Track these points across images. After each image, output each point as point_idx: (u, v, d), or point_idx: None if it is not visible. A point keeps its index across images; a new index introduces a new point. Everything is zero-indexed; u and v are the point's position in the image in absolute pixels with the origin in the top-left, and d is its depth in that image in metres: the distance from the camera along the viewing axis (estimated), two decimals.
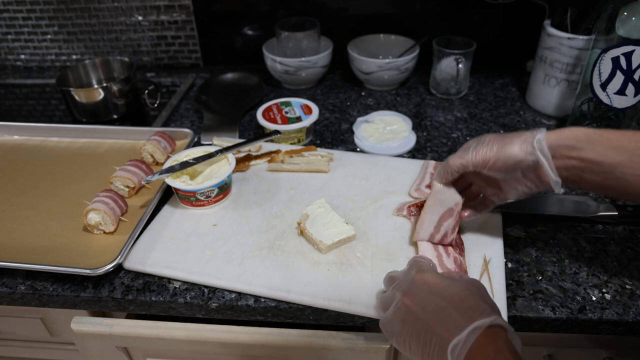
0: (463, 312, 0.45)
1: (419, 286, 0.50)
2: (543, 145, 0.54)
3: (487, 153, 0.57)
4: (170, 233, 0.72)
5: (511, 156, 0.56)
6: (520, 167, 0.56)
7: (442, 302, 0.47)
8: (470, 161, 0.59)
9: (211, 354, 0.70)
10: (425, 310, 0.47)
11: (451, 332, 0.44)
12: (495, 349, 0.43)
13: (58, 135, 0.96)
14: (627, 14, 0.74)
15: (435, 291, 0.48)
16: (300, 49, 1.09)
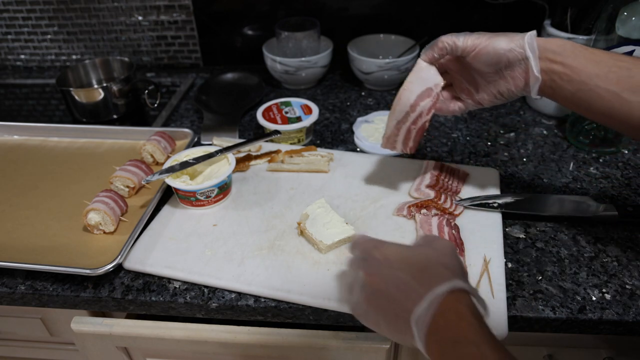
0: (423, 281, 0.45)
1: (380, 262, 0.49)
2: (533, 41, 0.57)
3: (477, 38, 0.60)
4: (170, 233, 0.72)
5: (500, 45, 0.59)
6: (506, 59, 0.59)
7: (403, 274, 0.47)
8: (462, 41, 0.61)
9: (211, 354, 0.70)
10: (388, 284, 0.47)
11: (413, 302, 0.44)
12: (457, 315, 0.43)
13: (58, 135, 0.96)
14: (627, 14, 0.74)
15: (396, 264, 0.48)
16: (300, 49, 1.09)
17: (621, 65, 0.54)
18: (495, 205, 0.73)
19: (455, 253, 0.50)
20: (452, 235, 0.67)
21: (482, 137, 0.93)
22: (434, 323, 0.43)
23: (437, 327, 0.43)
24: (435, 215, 0.71)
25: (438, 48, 0.63)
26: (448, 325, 0.43)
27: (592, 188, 0.79)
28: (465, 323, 0.42)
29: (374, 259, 0.49)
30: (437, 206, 0.72)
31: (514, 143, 0.91)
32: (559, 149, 0.89)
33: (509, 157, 0.87)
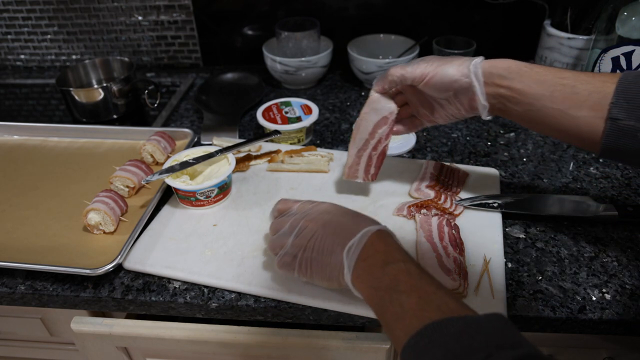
0: (357, 223, 0.54)
1: (319, 211, 0.58)
2: (478, 69, 0.59)
3: (426, 68, 0.61)
4: (170, 233, 0.72)
5: (447, 74, 0.60)
6: (454, 87, 0.61)
7: (339, 218, 0.56)
8: (410, 73, 0.63)
9: (211, 354, 0.70)
10: (325, 227, 0.55)
11: (347, 237, 0.53)
12: (385, 244, 0.51)
13: (58, 135, 0.96)
14: (627, 14, 0.74)
15: (334, 213, 0.57)
16: (300, 49, 1.09)
17: (565, 83, 0.55)
18: (495, 205, 0.73)
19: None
20: (452, 235, 0.67)
21: (482, 137, 0.93)
22: (364, 252, 0.51)
23: (366, 254, 0.51)
24: (435, 215, 0.71)
25: (387, 81, 0.66)
26: (377, 251, 0.51)
27: (592, 188, 0.79)
28: (392, 248, 0.51)
29: (311, 208, 0.58)
30: (437, 206, 0.72)
31: (514, 143, 0.91)
32: (559, 149, 0.89)
33: (509, 157, 0.87)
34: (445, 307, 0.43)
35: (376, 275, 0.49)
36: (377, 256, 0.50)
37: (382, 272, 0.48)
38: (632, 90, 0.52)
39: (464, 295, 0.60)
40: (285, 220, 0.59)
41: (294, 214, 0.59)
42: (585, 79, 0.55)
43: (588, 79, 0.55)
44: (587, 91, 0.54)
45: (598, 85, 0.54)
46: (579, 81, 0.55)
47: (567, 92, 0.55)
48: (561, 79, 0.56)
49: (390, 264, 0.49)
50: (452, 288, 0.60)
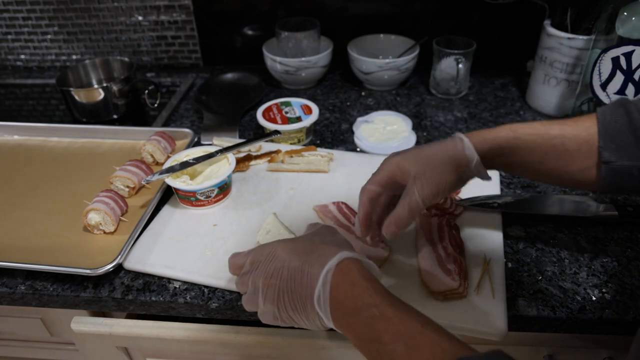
0: (313, 263, 0.49)
1: (272, 261, 0.52)
2: (480, 166, 0.56)
3: (432, 190, 0.55)
4: (170, 233, 0.72)
5: (454, 182, 0.56)
6: (461, 184, 0.58)
7: (294, 263, 0.50)
8: (423, 205, 0.55)
9: (211, 354, 0.70)
10: (284, 279, 0.50)
11: (310, 285, 0.48)
12: (351, 283, 0.46)
13: (58, 135, 0.96)
14: (627, 14, 0.74)
15: (285, 258, 0.51)
16: (300, 49, 1.09)
17: (555, 143, 0.55)
18: (495, 205, 0.73)
19: (335, 231, 0.55)
20: (452, 235, 0.67)
21: None
22: (333, 298, 0.47)
23: (337, 302, 0.47)
24: (435, 215, 0.71)
25: (403, 226, 0.57)
26: (345, 295, 0.46)
27: None
28: (359, 289, 0.46)
29: (263, 262, 0.53)
30: (437, 206, 0.72)
31: None
32: None
33: None
34: (439, 350, 0.40)
35: (354, 324, 0.45)
36: (347, 303, 0.46)
37: (359, 321, 0.45)
38: (614, 129, 0.53)
39: (463, 295, 0.60)
40: (245, 279, 0.55)
41: (249, 271, 0.54)
42: (570, 131, 0.55)
43: (573, 130, 0.55)
44: (576, 144, 0.55)
45: (584, 135, 0.55)
46: (567, 136, 0.55)
47: (558, 152, 0.56)
48: (550, 139, 0.56)
49: (363, 311, 0.45)
50: (452, 288, 0.60)
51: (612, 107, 0.55)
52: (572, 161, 0.56)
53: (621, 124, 0.53)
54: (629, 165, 0.53)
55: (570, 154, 0.55)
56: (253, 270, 0.54)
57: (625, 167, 0.53)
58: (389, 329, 0.43)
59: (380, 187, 0.58)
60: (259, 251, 0.55)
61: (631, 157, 0.52)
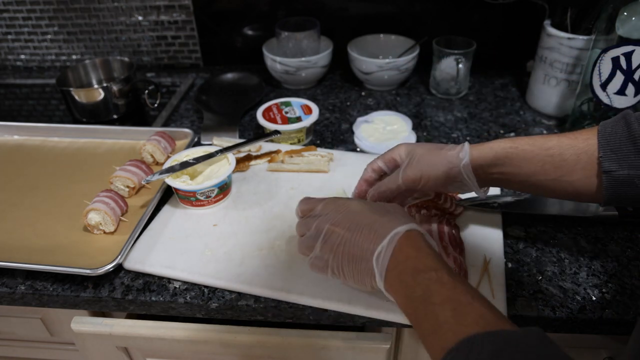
0: (383, 224, 0.52)
1: (343, 212, 0.56)
2: (469, 169, 0.59)
3: (416, 174, 0.61)
4: (170, 233, 0.72)
5: (439, 177, 0.60)
6: (448, 183, 0.61)
7: (365, 219, 0.54)
8: (404, 183, 0.62)
9: (211, 354, 0.70)
10: (352, 230, 0.53)
11: (375, 242, 0.51)
12: (415, 248, 0.50)
13: (58, 135, 0.96)
14: (627, 14, 0.74)
15: (358, 212, 0.55)
16: (300, 49, 1.09)
17: (552, 153, 0.56)
18: (495, 205, 0.73)
19: (406, 212, 0.57)
20: (452, 235, 0.67)
21: (482, 137, 0.93)
22: (394, 258, 0.50)
23: (396, 261, 0.49)
24: (435, 215, 0.71)
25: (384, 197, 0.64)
26: (407, 257, 0.49)
27: None
28: (423, 254, 0.49)
29: (334, 211, 0.56)
30: (437, 206, 0.72)
31: None
32: None
33: None
34: (482, 320, 0.42)
35: (408, 284, 0.48)
36: (408, 263, 0.49)
37: (414, 281, 0.47)
38: (614, 140, 0.54)
39: None
40: (310, 222, 0.58)
41: (318, 215, 0.58)
42: (568, 142, 0.56)
43: (571, 142, 0.56)
44: (575, 155, 0.55)
45: (582, 146, 0.55)
46: (564, 147, 0.56)
47: (556, 162, 0.56)
48: (547, 150, 0.56)
49: (422, 273, 0.47)
50: None
51: (613, 120, 0.56)
52: (572, 171, 0.56)
53: (621, 134, 0.53)
54: (630, 174, 0.53)
55: (569, 164, 0.56)
56: (322, 215, 0.57)
57: (626, 176, 0.53)
58: (442, 292, 0.45)
59: (384, 164, 0.66)
60: (333, 201, 0.59)
61: (632, 166, 0.53)
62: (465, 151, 0.59)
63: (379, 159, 0.67)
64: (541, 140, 0.57)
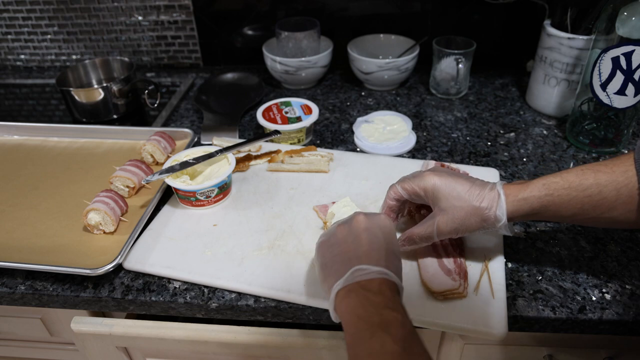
0: (387, 257, 0.52)
1: (377, 217, 0.56)
2: (506, 227, 0.58)
3: (451, 231, 0.59)
4: (170, 233, 0.72)
5: (474, 231, 0.59)
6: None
7: (380, 238, 0.53)
8: (437, 238, 0.61)
9: (211, 354, 0.70)
10: (366, 232, 0.54)
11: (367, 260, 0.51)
12: (392, 293, 0.49)
13: (58, 135, 0.96)
14: (627, 14, 0.74)
15: (383, 230, 0.55)
16: (300, 49, 1.09)
17: (590, 193, 0.54)
18: None
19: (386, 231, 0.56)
20: None
21: (482, 137, 0.93)
22: (369, 283, 0.49)
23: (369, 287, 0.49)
24: None
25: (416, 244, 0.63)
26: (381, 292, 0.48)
27: None
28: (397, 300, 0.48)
29: (351, 218, 0.56)
30: None
31: (514, 143, 0.91)
32: (559, 149, 0.89)
33: (509, 157, 0.87)
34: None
35: (368, 309, 0.47)
36: (379, 296, 0.48)
37: (376, 311, 0.46)
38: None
39: (463, 295, 0.60)
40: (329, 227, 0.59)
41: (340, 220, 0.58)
42: (606, 178, 0.54)
43: (609, 177, 0.54)
44: (615, 190, 0.53)
45: (621, 180, 0.53)
46: (602, 184, 0.54)
47: (594, 201, 0.54)
48: (584, 191, 0.54)
49: (388, 309, 0.46)
50: (452, 288, 0.60)
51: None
52: (613, 207, 0.54)
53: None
54: None
55: (609, 201, 0.54)
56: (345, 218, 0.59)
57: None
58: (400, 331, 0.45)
59: (407, 194, 0.62)
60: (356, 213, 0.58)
61: None
62: (502, 210, 0.56)
63: (402, 188, 0.62)
64: (577, 180, 0.55)
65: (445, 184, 0.59)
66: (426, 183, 0.60)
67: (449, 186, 0.58)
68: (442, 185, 0.59)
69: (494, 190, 0.57)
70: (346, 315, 0.48)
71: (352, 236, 0.54)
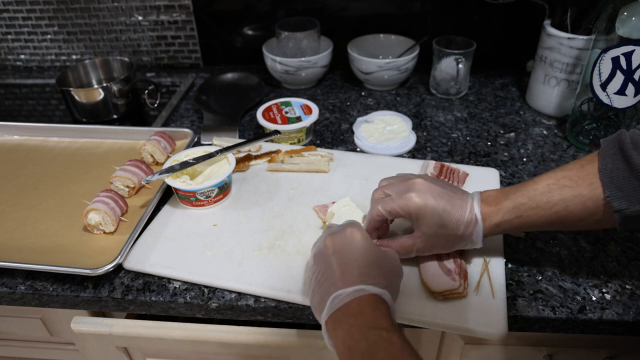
0: (361, 272, 0.52)
1: (344, 235, 0.56)
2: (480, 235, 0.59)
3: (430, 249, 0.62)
4: (170, 233, 0.72)
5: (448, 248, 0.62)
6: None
7: (350, 256, 0.53)
8: (412, 255, 0.63)
9: (211, 354, 0.70)
10: (335, 255, 0.54)
11: (343, 283, 0.51)
12: (373, 309, 0.48)
13: (58, 135, 0.96)
14: (627, 14, 0.74)
15: (352, 246, 0.54)
16: (300, 49, 1.09)
17: (557, 209, 0.56)
18: None
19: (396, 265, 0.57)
20: None
21: (482, 137, 0.93)
22: (350, 307, 0.49)
23: (350, 311, 0.48)
24: None
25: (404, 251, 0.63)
26: (361, 312, 0.48)
27: None
28: (380, 314, 0.48)
29: (343, 230, 0.56)
30: None
31: (514, 143, 0.91)
32: (559, 149, 0.89)
33: (509, 157, 0.87)
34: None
35: (354, 336, 0.47)
36: (360, 319, 0.48)
37: (362, 335, 0.46)
38: (618, 177, 0.53)
39: (463, 295, 0.60)
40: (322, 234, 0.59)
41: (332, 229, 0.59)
42: (571, 193, 0.55)
43: (574, 191, 0.55)
44: (581, 204, 0.55)
45: (586, 192, 0.54)
46: (568, 199, 0.55)
47: (562, 216, 0.56)
48: (552, 208, 0.56)
49: (372, 330, 0.46)
50: (452, 288, 0.60)
51: (611, 153, 0.54)
52: (580, 219, 0.56)
53: (622, 170, 0.53)
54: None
55: (576, 215, 0.55)
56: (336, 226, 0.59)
57: (638, 211, 0.52)
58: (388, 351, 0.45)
59: (389, 215, 0.61)
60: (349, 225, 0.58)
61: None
62: (478, 236, 0.59)
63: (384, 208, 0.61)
64: (544, 199, 0.56)
65: (428, 209, 0.58)
66: (409, 206, 0.59)
67: (432, 212, 0.58)
68: (426, 210, 0.58)
69: (472, 214, 0.58)
70: (338, 347, 0.48)
71: (324, 263, 0.54)
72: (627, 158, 0.52)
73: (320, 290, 0.52)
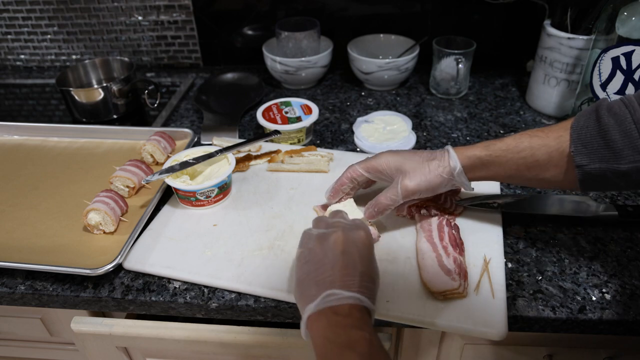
0: (361, 283, 0.51)
1: (330, 241, 0.54)
2: (462, 175, 0.63)
3: (414, 189, 0.64)
4: (170, 233, 0.72)
5: (436, 187, 0.64)
6: (441, 188, 0.65)
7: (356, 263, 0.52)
8: (402, 197, 0.65)
9: (211, 354, 0.70)
10: (343, 255, 0.52)
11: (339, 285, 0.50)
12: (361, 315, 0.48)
13: (58, 135, 0.96)
14: (627, 14, 0.74)
15: (361, 254, 0.53)
16: (300, 49, 1.09)
17: (524, 155, 0.59)
18: (495, 205, 0.73)
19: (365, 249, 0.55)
20: (452, 235, 0.67)
21: (482, 137, 0.93)
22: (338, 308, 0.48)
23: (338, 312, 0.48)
24: (435, 215, 0.71)
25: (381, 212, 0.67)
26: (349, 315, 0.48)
27: None
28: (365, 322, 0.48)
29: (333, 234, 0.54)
30: (437, 206, 0.72)
31: None
32: None
33: None
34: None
35: (337, 331, 0.47)
36: (348, 319, 0.48)
37: (344, 332, 0.47)
38: (585, 134, 0.55)
39: (463, 295, 0.60)
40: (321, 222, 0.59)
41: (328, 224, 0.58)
42: (540, 142, 0.58)
43: (543, 141, 0.58)
44: (547, 154, 0.58)
45: (553, 144, 0.57)
46: (535, 148, 0.58)
47: (529, 163, 0.59)
48: (519, 152, 0.59)
49: (355, 329, 0.47)
50: (452, 288, 0.60)
51: (586, 112, 0.57)
52: (545, 170, 0.59)
53: (592, 128, 0.55)
54: (601, 167, 0.54)
55: (542, 163, 0.58)
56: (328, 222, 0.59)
57: (597, 169, 0.54)
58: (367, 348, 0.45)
59: (367, 172, 0.68)
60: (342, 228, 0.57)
61: (602, 160, 0.54)
62: (455, 160, 0.62)
63: (360, 166, 0.68)
64: (514, 143, 0.60)
65: (402, 155, 0.65)
66: (386, 159, 0.65)
67: (406, 156, 0.65)
68: (400, 157, 0.65)
69: (443, 150, 0.64)
70: (316, 337, 0.48)
71: (328, 258, 0.52)
72: (599, 117, 0.55)
73: (316, 282, 0.51)
